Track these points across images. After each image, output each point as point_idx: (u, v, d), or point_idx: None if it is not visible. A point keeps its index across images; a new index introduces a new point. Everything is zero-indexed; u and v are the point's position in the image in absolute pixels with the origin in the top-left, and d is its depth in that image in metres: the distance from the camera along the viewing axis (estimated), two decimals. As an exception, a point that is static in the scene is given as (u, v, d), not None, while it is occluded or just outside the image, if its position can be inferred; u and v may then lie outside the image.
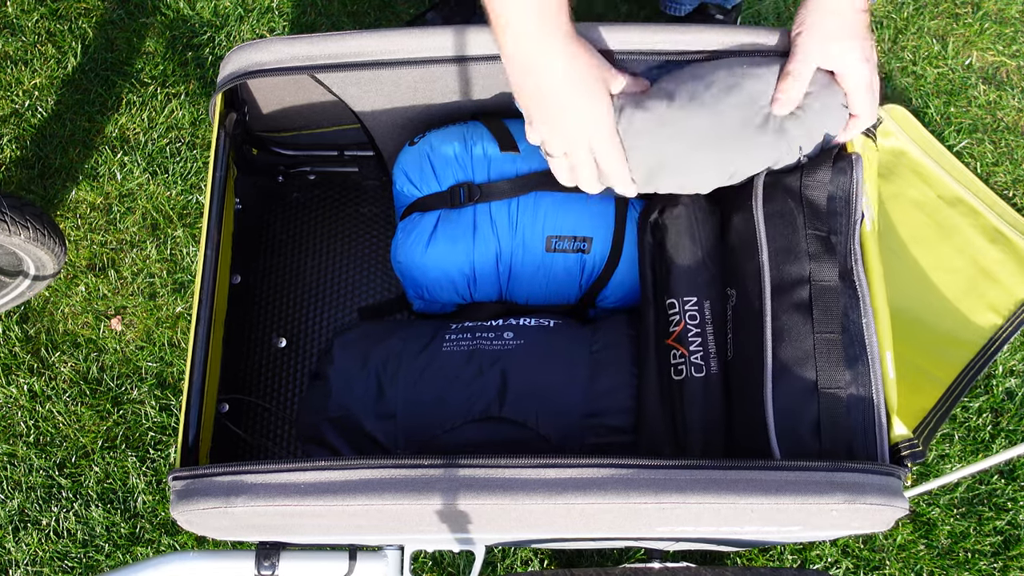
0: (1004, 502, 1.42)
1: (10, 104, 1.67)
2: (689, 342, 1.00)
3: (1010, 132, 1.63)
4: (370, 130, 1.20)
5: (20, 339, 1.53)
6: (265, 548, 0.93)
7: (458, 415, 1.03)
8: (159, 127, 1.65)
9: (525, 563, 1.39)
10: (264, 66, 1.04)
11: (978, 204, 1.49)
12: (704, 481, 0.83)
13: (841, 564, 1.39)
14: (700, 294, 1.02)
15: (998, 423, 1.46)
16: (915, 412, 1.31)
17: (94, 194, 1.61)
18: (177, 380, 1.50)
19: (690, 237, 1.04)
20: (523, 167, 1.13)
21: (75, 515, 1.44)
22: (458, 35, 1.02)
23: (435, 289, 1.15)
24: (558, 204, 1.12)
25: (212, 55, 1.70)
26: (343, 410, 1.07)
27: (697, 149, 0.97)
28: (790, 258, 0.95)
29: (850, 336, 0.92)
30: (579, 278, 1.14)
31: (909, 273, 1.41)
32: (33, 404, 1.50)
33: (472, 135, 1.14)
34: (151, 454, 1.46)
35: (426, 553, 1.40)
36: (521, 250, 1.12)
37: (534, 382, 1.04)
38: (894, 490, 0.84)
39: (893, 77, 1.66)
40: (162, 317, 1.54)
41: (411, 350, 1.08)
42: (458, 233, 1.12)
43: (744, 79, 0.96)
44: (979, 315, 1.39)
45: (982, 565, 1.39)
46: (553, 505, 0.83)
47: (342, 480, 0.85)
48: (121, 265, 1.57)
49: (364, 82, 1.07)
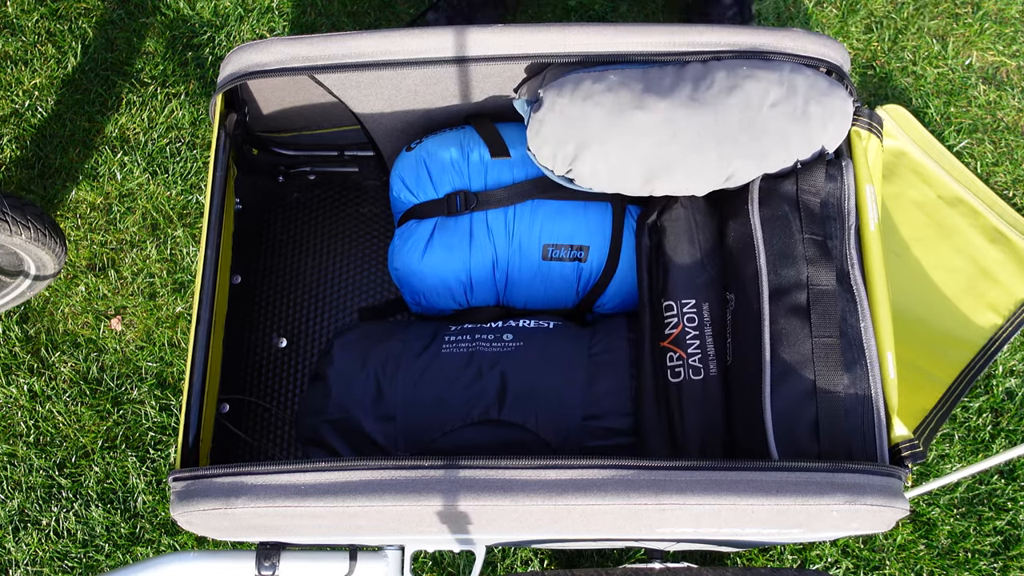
0: (1004, 502, 1.42)
1: (10, 104, 1.67)
2: (687, 344, 1.00)
3: (1010, 132, 1.63)
4: (370, 132, 1.20)
5: (20, 339, 1.53)
6: (265, 548, 0.93)
7: (457, 417, 1.03)
8: (159, 127, 1.65)
9: (525, 563, 1.39)
10: (264, 67, 1.03)
11: (978, 204, 1.49)
12: (704, 482, 0.83)
13: (841, 564, 1.39)
14: (699, 296, 1.02)
15: (998, 423, 1.46)
16: (915, 412, 1.31)
17: (94, 194, 1.61)
18: (177, 380, 1.50)
19: (688, 239, 1.04)
20: (519, 173, 1.13)
21: (75, 515, 1.44)
22: (458, 35, 1.02)
23: (432, 296, 1.15)
24: (554, 212, 1.12)
25: (212, 55, 1.70)
26: (343, 411, 1.07)
27: (696, 149, 0.97)
28: (787, 262, 0.95)
29: (848, 340, 0.92)
30: (576, 286, 1.14)
31: (909, 273, 1.41)
32: (33, 404, 1.50)
33: (468, 141, 1.14)
34: (151, 454, 1.46)
35: (426, 553, 1.40)
36: (518, 258, 1.12)
37: (533, 384, 1.04)
38: (894, 491, 0.84)
39: (893, 77, 1.66)
40: (162, 317, 1.54)
41: (411, 352, 1.08)
42: (455, 241, 1.12)
43: (744, 80, 0.96)
44: (979, 315, 1.39)
45: (982, 565, 1.39)
46: (554, 506, 0.83)
47: (343, 481, 0.85)
48: (121, 265, 1.57)
49: (364, 84, 1.07)
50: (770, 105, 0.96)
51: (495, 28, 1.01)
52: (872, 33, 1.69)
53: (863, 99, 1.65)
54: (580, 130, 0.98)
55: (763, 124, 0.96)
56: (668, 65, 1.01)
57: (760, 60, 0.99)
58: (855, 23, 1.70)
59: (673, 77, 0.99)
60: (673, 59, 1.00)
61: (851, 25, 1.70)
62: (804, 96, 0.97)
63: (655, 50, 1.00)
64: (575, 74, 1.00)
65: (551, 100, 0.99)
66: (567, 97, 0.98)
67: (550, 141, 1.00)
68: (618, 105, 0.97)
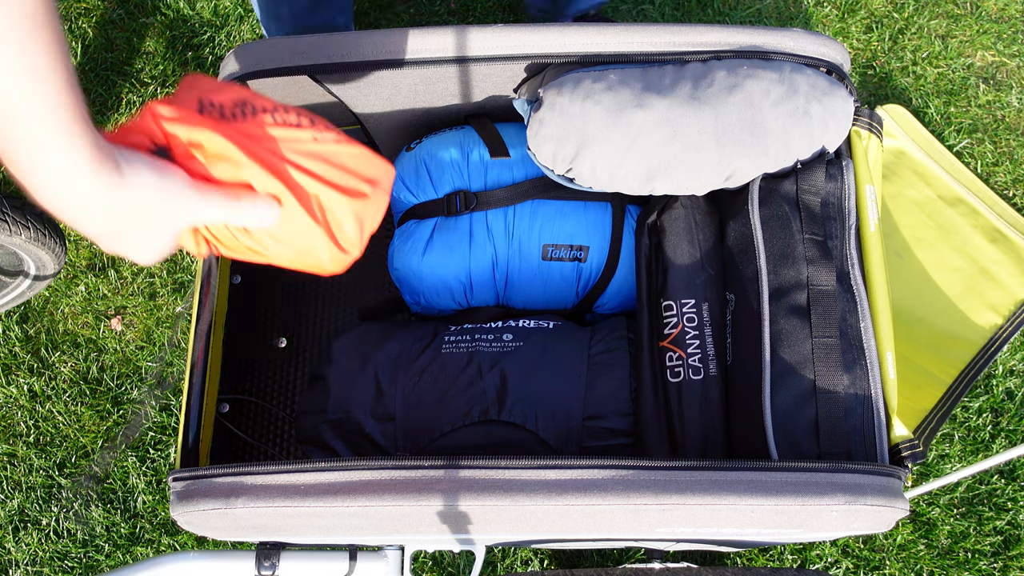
0: (1004, 502, 1.42)
1: (10, 104, 1.67)
2: (687, 344, 1.00)
3: (1010, 132, 1.63)
4: (370, 131, 1.20)
5: (20, 339, 1.53)
6: (265, 548, 0.93)
7: (457, 418, 1.03)
8: (159, 127, 1.65)
9: (525, 563, 1.39)
10: (264, 66, 1.04)
11: (978, 204, 1.49)
12: (704, 482, 0.83)
13: (841, 564, 1.39)
14: (698, 296, 1.02)
15: (998, 423, 1.46)
16: (915, 412, 1.31)
17: (94, 194, 1.61)
18: (177, 380, 1.50)
19: (688, 239, 1.04)
20: (519, 173, 1.13)
21: (75, 515, 1.44)
22: (458, 35, 1.02)
23: (432, 296, 1.15)
24: (554, 213, 1.12)
25: (212, 55, 1.70)
26: (342, 412, 1.07)
27: (697, 148, 0.97)
28: (787, 262, 0.95)
29: (848, 340, 0.92)
30: (575, 286, 1.14)
31: (909, 273, 1.41)
32: (33, 404, 1.50)
33: (468, 141, 1.14)
34: (151, 454, 1.46)
35: (426, 553, 1.40)
36: (517, 258, 1.12)
37: (533, 385, 1.04)
38: (894, 491, 0.84)
39: (893, 77, 1.66)
40: (162, 317, 1.54)
41: (410, 352, 1.08)
42: (454, 241, 1.12)
43: (745, 79, 0.96)
44: (979, 315, 1.39)
45: (982, 565, 1.39)
46: (553, 506, 0.83)
47: (342, 481, 0.85)
48: (121, 265, 1.57)
49: (364, 84, 1.07)
50: (771, 104, 0.96)
51: (495, 28, 1.01)
52: (872, 33, 1.69)
53: (863, 99, 1.65)
54: (580, 129, 0.98)
55: (764, 123, 0.96)
56: (668, 64, 1.01)
57: (760, 60, 0.99)
58: (855, 23, 1.70)
59: (673, 76, 0.99)
60: (673, 59, 1.00)
61: (851, 25, 1.70)
62: (805, 95, 0.97)
63: (655, 50, 1.00)
64: (575, 73, 1.00)
65: (551, 99, 0.99)
66: (567, 96, 0.98)
67: (550, 140, 1.00)
68: (618, 104, 0.97)
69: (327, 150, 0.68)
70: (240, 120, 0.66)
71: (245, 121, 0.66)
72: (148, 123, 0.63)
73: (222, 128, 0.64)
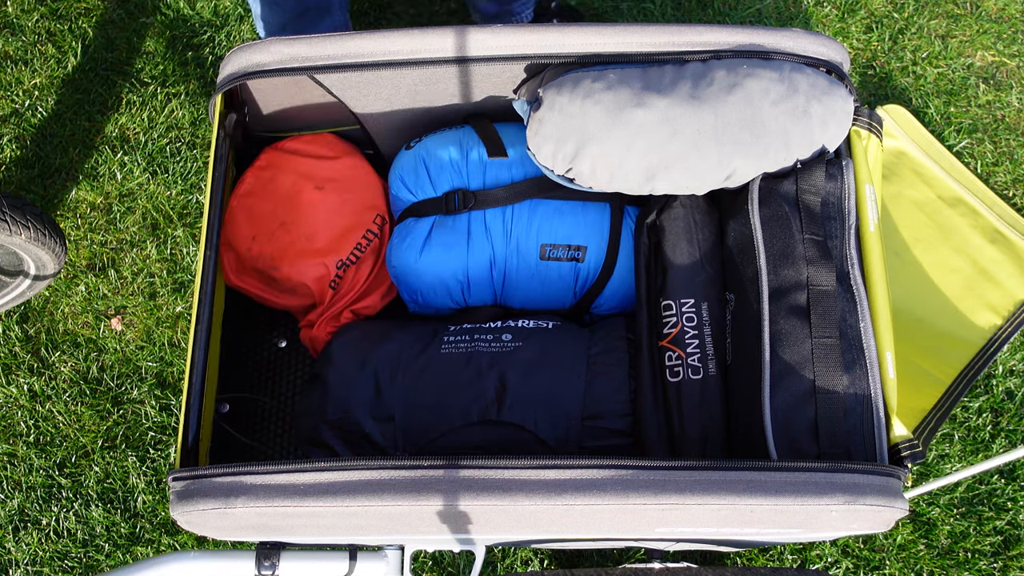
0: (1004, 502, 1.42)
1: (10, 104, 1.67)
2: (686, 344, 1.00)
3: (1010, 132, 1.63)
4: (370, 131, 1.21)
5: (20, 339, 1.53)
6: (265, 548, 0.93)
7: (457, 418, 1.03)
8: (159, 127, 1.65)
9: (525, 563, 1.39)
10: (264, 67, 1.04)
11: (978, 204, 1.49)
12: (704, 482, 0.83)
13: (841, 564, 1.39)
14: (697, 296, 1.02)
15: (998, 423, 1.46)
16: (915, 412, 1.31)
17: (94, 194, 1.61)
18: (177, 380, 1.50)
19: (688, 239, 1.04)
20: (518, 173, 1.13)
21: (75, 515, 1.44)
22: (458, 35, 1.02)
23: (429, 294, 1.15)
24: (552, 212, 1.12)
25: (212, 55, 1.70)
26: (342, 412, 1.07)
27: (696, 147, 0.97)
28: (787, 263, 0.95)
29: (848, 341, 0.92)
30: (573, 286, 1.14)
31: (909, 273, 1.41)
32: (33, 404, 1.50)
33: (468, 140, 1.14)
34: (151, 454, 1.46)
35: (426, 553, 1.40)
36: (515, 257, 1.12)
37: (532, 385, 1.04)
38: (894, 491, 0.84)
39: (893, 77, 1.66)
40: (162, 317, 1.54)
41: (410, 352, 1.08)
42: (452, 240, 1.12)
43: (745, 78, 0.96)
44: (979, 315, 1.39)
45: (982, 565, 1.39)
46: (553, 506, 0.83)
47: (342, 481, 0.85)
48: (121, 265, 1.57)
49: (364, 84, 1.07)
50: (771, 103, 0.96)
51: (495, 28, 1.01)
52: (872, 33, 1.69)
53: (863, 99, 1.65)
54: (580, 128, 0.98)
55: (764, 122, 0.96)
56: (668, 64, 1.01)
57: (760, 59, 0.99)
58: (855, 23, 1.70)
59: (673, 75, 0.99)
60: (673, 58, 1.00)
61: (851, 25, 1.70)
62: (805, 94, 0.97)
63: (655, 50, 1.00)
64: (574, 73, 1.00)
65: (551, 99, 0.99)
66: (567, 96, 0.98)
67: (550, 140, 1.00)
68: (618, 103, 0.97)
69: None
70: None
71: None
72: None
73: None
